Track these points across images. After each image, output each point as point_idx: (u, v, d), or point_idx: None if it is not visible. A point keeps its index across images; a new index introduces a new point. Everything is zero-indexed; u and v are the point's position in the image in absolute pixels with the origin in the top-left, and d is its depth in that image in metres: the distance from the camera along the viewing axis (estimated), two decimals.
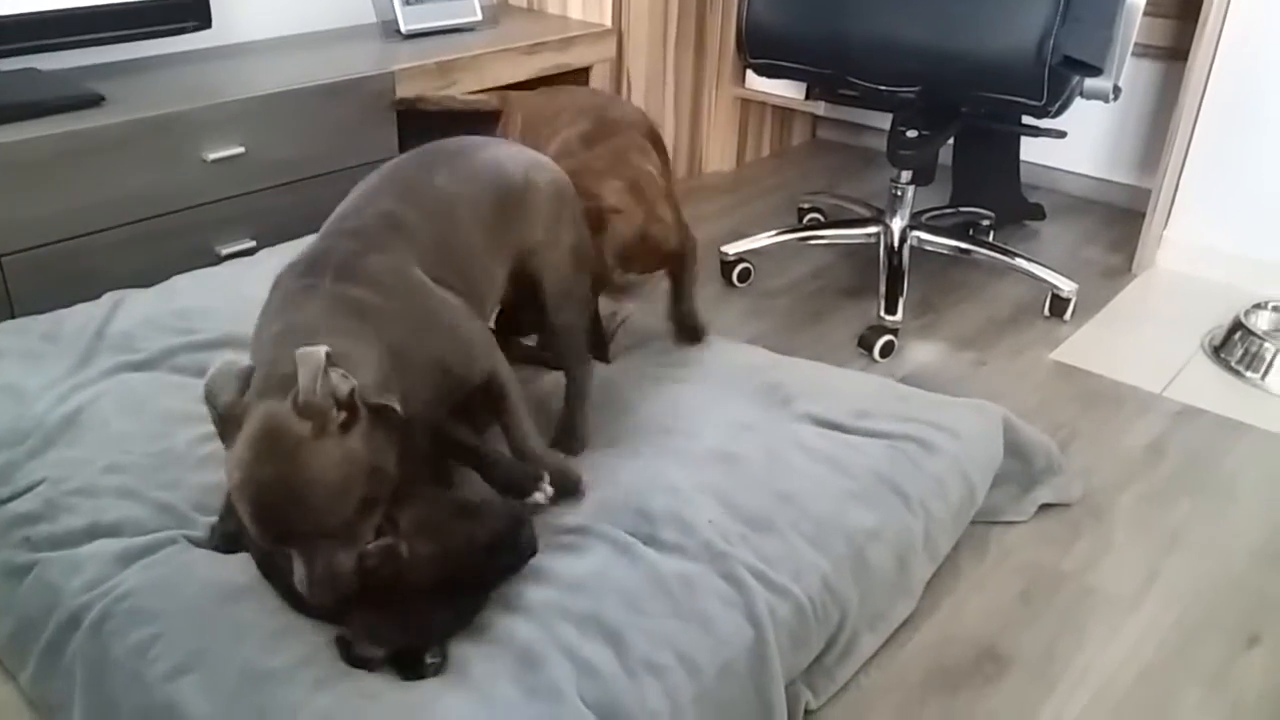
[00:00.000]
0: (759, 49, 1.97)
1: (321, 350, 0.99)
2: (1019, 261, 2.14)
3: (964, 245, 2.18)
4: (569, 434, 1.41)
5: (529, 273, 1.35)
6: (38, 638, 1.14)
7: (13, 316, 1.62)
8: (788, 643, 1.15)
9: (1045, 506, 1.54)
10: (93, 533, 1.21)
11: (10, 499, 1.26)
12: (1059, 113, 1.83)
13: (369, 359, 1.06)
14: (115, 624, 1.09)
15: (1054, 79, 1.73)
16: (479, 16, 2.35)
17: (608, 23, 2.45)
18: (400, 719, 0.97)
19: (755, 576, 1.17)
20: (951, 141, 2.49)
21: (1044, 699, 1.23)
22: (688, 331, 1.68)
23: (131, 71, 1.92)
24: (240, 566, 1.14)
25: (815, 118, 3.17)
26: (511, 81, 2.22)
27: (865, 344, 1.95)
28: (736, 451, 1.37)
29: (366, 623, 1.04)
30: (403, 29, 2.23)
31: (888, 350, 1.95)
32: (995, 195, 2.45)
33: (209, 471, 1.28)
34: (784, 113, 3.01)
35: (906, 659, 1.28)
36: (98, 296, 1.64)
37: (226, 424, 1.01)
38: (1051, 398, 1.85)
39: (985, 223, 2.39)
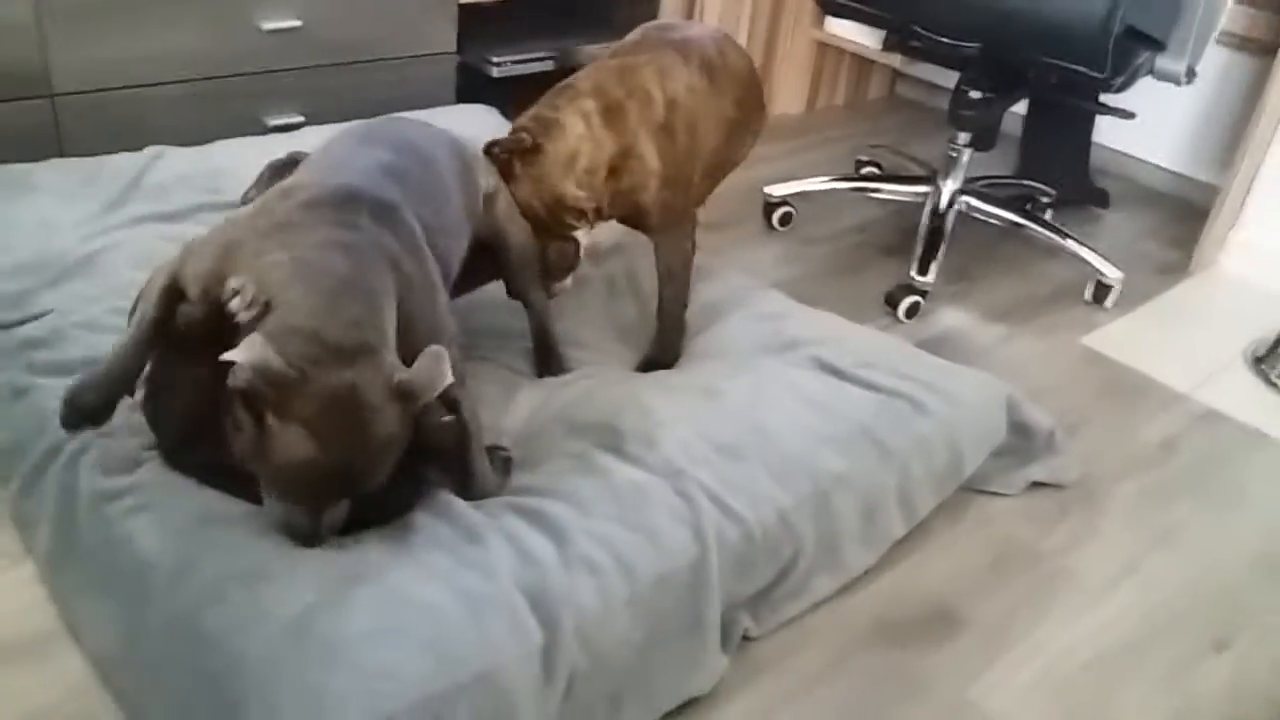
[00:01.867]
0: None
1: (445, 354, 0.99)
2: (1068, 242, 2.08)
3: (1014, 218, 2.12)
4: (547, 361, 1.43)
5: (487, 224, 1.35)
6: (25, 457, 1.19)
7: (61, 155, 1.68)
8: (732, 567, 1.16)
9: (1037, 485, 1.52)
10: (88, 364, 1.25)
11: (21, 323, 1.33)
12: (1123, 88, 1.76)
13: (392, 319, 1.03)
14: (90, 457, 1.14)
15: (1119, 50, 1.66)
16: None
17: None
18: (333, 569, 1.00)
19: (709, 498, 1.18)
20: (1024, 113, 2.41)
21: (986, 667, 1.22)
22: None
23: None
24: None
25: (895, 74, 3.09)
26: None
27: (891, 302, 1.92)
28: (722, 387, 1.37)
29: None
30: None
31: (913, 311, 1.92)
32: (1061, 173, 2.38)
33: None
34: (862, 63, 2.94)
35: (857, 605, 1.28)
36: (141, 148, 1.69)
37: (283, 390, 0.94)
38: (1072, 381, 1.80)
39: (1044, 199, 2.32)
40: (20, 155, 1.61)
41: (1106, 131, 2.60)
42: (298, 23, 1.85)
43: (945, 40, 1.86)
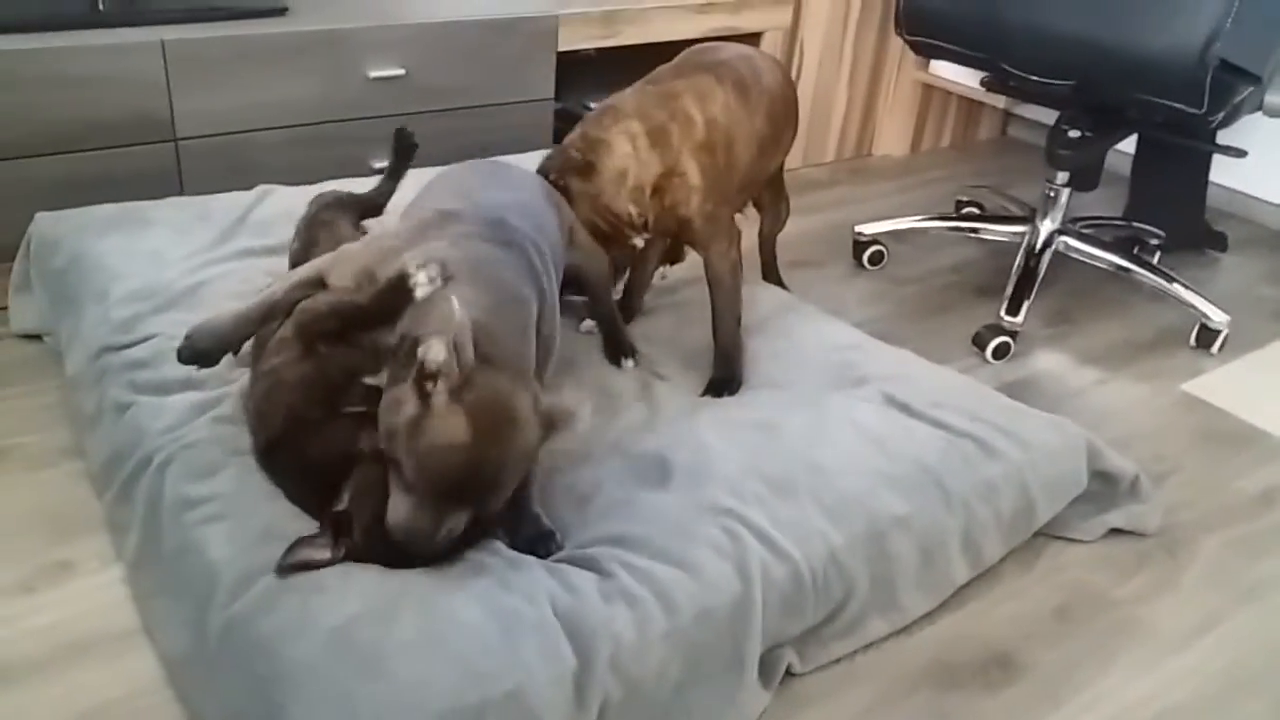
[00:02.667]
0: (916, 26, 1.93)
1: (587, 404, 1.07)
2: (1173, 286, 2.00)
3: (1115, 259, 2.05)
4: (617, 348, 1.53)
5: (570, 254, 1.42)
6: (122, 467, 1.29)
7: (181, 194, 1.82)
8: (778, 605, 1.16)
9: (1117, 532, 1.46)
10: (185, 385, 1.35)
11: (130, 345, 1.43)
12: (1224, 124, 1.69)
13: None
14: (176, 468, 1.22)
15: (1217, 86, 1.61)
16: None
17: None
18: (380, 585, 1.05)
19: (756, 535, 1.18)
20: (1134, 152, 2.34)
21: (1042, 717, 1.18)
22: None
23: None
24: None
25: (1006, 114, 3.04)
26: (677, 39, 2.25)
27: (979, 342, 1.89)
28: (781, 421, 1.38)
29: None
30: None
31: (1002, 352, 1.88)
32: (1172, 214, 2.29)
33: None
34: (971, 104, 2.91)
35: (912, 646, 1.26)
36: (252, 187, 1.81)
37: (463, 375, 0.98)
38: (1167, 427, 1.73)
39: (1153, 241, 2.24)
40: (146, 193, 1.75)
41: (1226, 170, 2.50)
42: (401, 71, 1.96)
43: (1036, 79, 1.83)
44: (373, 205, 1.65)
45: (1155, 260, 2.21)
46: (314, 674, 0.97)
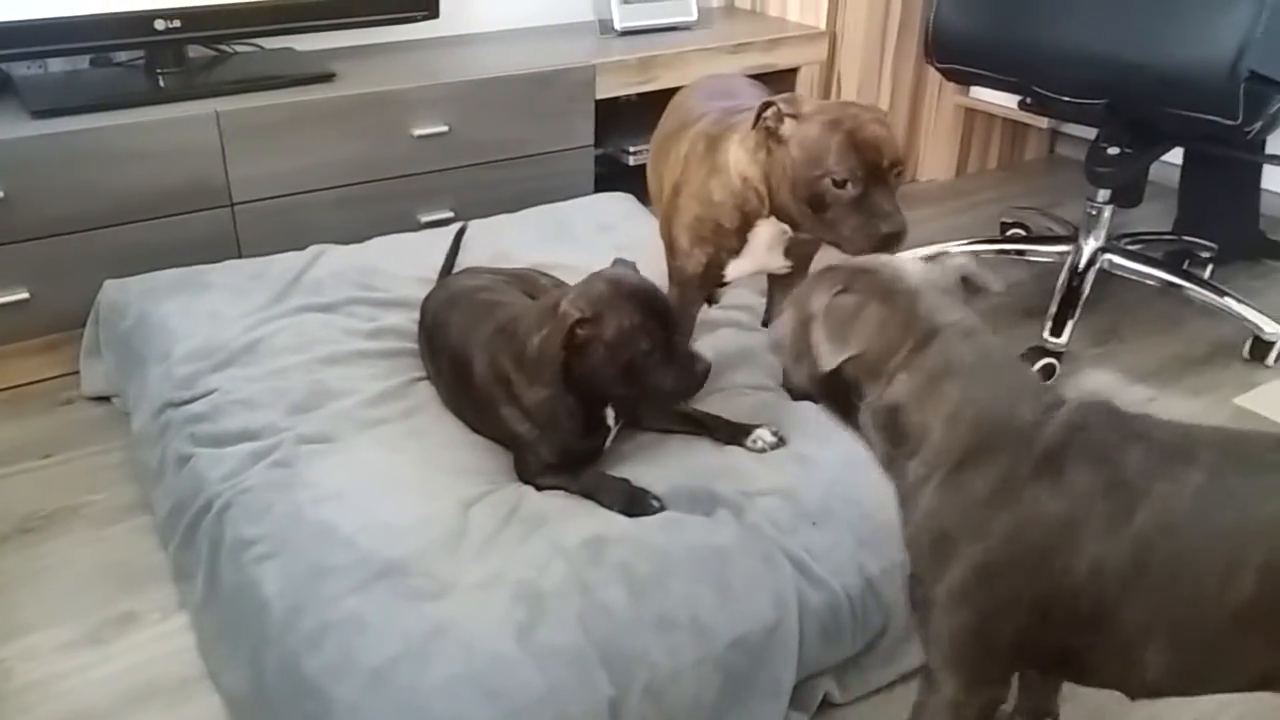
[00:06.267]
0: (945, 54, 1.94)
1: None
2: (1224, 299, 1.97)
3: (1161, 274, 2.03)
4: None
5: None
6: (185, 516, 1.36)
7: (239, 256, 1.90)
8: (817, 634, 1.17)
9: None
10: (242, 436, 1.42)
11: (191, 401, 1.51)
12: (1263, 133, 1.67)
13: None
14: (234, 512, 1.29)
15: (1251, 97, 1.59)
16: (694, 16, 2.44)
17: (822, 25, 2.48)
18: (419, 622, 1.09)
19: (794, 563, 1.20)
20: (1181, 164, 2.31)
21: None
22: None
23: (366, 55, 2.18)
24: (334, 473, 1.31)
25: (1054, 133, 3.02)
26: None
27: None
28: (815, 455, 1.39)
29: None
30: (617, 26, 2.36)
31: (1047, 374, 1.87)
32: (1224, 226, 2.25)
33: (346, 400, 1.47)
34: (1015, 125, 2.90)
35: None
36: (306, 247, 1.89)
37: None
38: None
39: (1204, 254, 2.20)
40: (206, 257, 1.84)
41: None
42: (445, 128, 2.03)
43: (1069, 100, 1.83)
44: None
45: (1208, 273, 2.18)
46: (356, 713, 1.01)
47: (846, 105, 1.33)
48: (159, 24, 1.87)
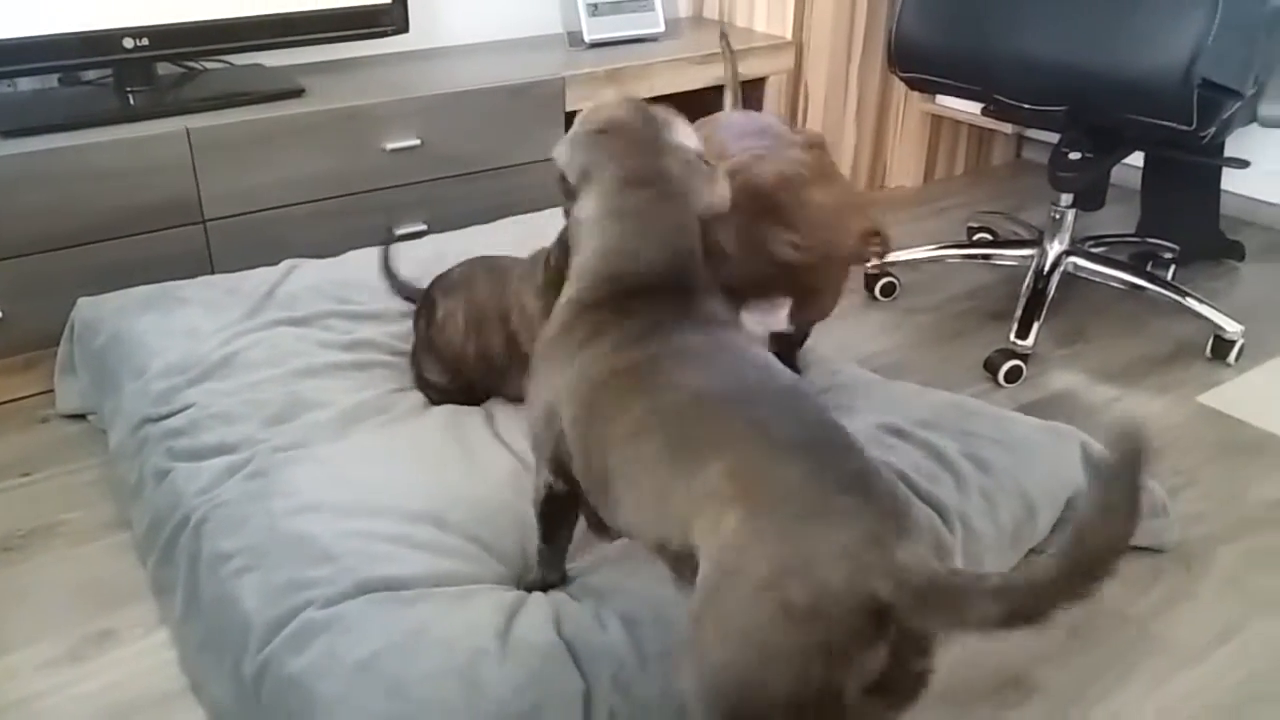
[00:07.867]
0: (908, 63, 1.98)
1: None
2: (1185, 299, 2.01)
3: (1124, 276, 2.07)
4: None
5: None
6: (163, 530, 1.37)
7: (212, 272, 1.91)
8: None
9: (1132, 547, 1.47)
10: (219, 450, 1.43)
11: (168, 416, 1.51)
12: (1216, 138, 1.71)
13: None
14: (210, 526, 1.30)
15: (1204, 103, 1.63)
16: (661, 28, 2.47)
17: (789, 36, 2.51)
18: (400, 622, 1.10)
19: None
20: (1142, 168, 2.36)
21: None
22: None
23: (336, 70, 2.19)
24: (310, 482, 1.32)
25: (1021, 138, 3.07)
26: (680, 91, 2.33)
27: (990, 367, 1.91)
28: None
29: None
30: (586, 39, 2.39)
31: (1014, 376, 1.90)
32: (1185, 227, 2.30)
33: (321, 412, 1.48)
34: (982, 131, 2.94)
35: None
36: (279, 261, 1.90)
37: None
38: (1182, 440, 1.74)
39: (1166, 255, 2.25)
40: (179, 274, 1.85)
41: (1241, 179, 2.51)
42: (417, 141, 2.05)
43: (1029, 107, 1.87)
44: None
45: (1170, 274, 2.23)
46: (344, 702, 1.03)
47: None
48: (128, 42, 1.88)
